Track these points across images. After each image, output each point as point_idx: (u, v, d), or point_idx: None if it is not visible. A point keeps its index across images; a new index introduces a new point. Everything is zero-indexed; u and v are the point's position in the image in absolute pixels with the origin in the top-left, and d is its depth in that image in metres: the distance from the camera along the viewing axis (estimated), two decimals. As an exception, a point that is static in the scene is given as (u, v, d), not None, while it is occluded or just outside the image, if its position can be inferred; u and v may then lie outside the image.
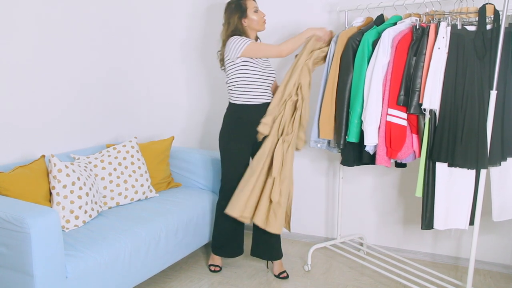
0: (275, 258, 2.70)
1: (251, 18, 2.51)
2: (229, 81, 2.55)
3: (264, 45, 2.50)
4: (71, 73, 2.76)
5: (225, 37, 2.54)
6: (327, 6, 2.98)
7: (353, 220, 3.12)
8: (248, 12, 2.50)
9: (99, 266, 1.99)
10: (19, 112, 2.45)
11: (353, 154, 2.51)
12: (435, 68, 2.13)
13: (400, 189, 2.97)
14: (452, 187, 2.16)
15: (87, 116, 2.90)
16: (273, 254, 2.69)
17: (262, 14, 2.55)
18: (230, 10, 2.53)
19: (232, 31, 2.51)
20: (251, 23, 2.52)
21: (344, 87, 2.44)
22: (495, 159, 2.11)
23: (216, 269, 2.74)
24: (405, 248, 3.01)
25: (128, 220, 2.35)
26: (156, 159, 2.91)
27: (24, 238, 1.72)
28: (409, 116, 2.26)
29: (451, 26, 2.12)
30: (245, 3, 2.51)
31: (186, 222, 2.57)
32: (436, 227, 2.19)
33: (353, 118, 2.38)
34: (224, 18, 2.57)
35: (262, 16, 2.55)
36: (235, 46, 2.43)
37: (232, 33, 2.51)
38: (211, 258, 2.79)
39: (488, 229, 2.73)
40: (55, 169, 2.19)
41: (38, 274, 1.74)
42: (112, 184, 2.54)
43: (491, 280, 2.67)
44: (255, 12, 2.52)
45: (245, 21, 2.51)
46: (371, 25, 2.45)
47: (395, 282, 2.61)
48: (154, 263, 2.34)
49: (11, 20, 2.36)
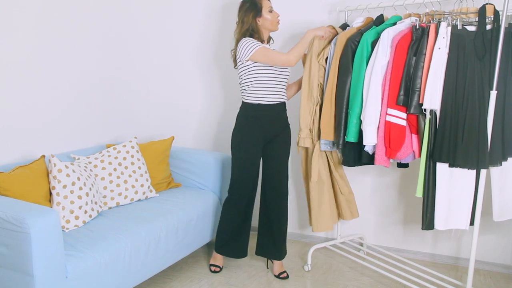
0: (281, 258, 2.71)
1: (266, 18, 2.50)
2: (242, 81, 2.54)
3: (273, 53, 2.46)
4: (71, 73, 2.76)
5: (239, 36, 2.53)
6: (327, 6, 2.98)
7: (353, 220, 3.11)
8: (263, 11, 2.50)
9: (99, 266, 1.99)
10: (19, 113, 2.45)
11: (353, 154, 2.51)
12: (436, 68, 2.13)
13: (401, 189, 2.97)
14: (453, 188, 2.16)
15: (87, 116, 2.90)
16: (281, 254, 2.70)
17: (277, 14, 2.55)
18: (245, 8, 2.52)
19: (246, 30, 2.50)
20: (265, 22, 2.51)
21: (343, 87, 2.43)
22: (496, 159, 2.11)
23: (216, 269, 2.74)
24: (405, 248, 3.01)
25: (128, 220, 2.35)
26: (156, 159, 2.91)
27: (24, 238, 1.72)
28: (408, 116, 2.26)
29: (452, 26, 2.12)
30: (261, 2, 2.50)
31: (186, 222, 2.57)
32: (437, 227, 2.19)
33: (352, 118, 2.38)
34: (238, 17, 2.55)
35: (276, 16, 2.55)
36: (245, 49, 2.43)
37: (246, 32, 2.50)
38: (212, 257, 2.79)
39: (488, 229, 2.73)
40: (55, 169, 2.19)
41: (38, 274, 1.74)
42: (112, 184, 2.54)
43: (491, 280, 2.67)
44: (269, 11, 2.51)
45: (260, 20, 2.50)
46: (370, 26, 2.46)
47: (395, 282, 2.61)
48: (154, 263, 2.34)
49: (11, 20, 2.36)
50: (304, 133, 2.57)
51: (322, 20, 2.99)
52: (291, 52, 2.45)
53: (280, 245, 2.69)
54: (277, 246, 2.68)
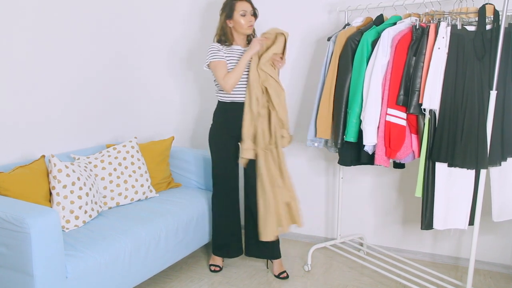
0: (274, 257, 2.70)
1: (236, 21, 2.48)
2: (215, 81, 2.59)
3: (219, 72, 2.46)
4: (71, 73, 2.76)
5: (214, 36, 2.58)
6: (327, 6, 2.98)
7: (353, 220, 3.12)
8: (235, 14, 2.47)
9: (99, 266, 1.99)
10: (19, 113, 2.45)
11: (350, 154, 2.51)
12: (435, 68, 2.13)
13: (400, 189, 2.97)
14: (452, 187, 2.16)
15: (87, 116, 2.90)
16: (274, 253, 2.69)
17: (249, 19, 2.49)
18: (222, 8, 2.54)
19: (218, 30, 2.55)
20: (236, 25, 2.50)
21: (342, 86, 2.44)
22: (495, 159, 2.11)
23: (216, 269, 2.75)
24: (405, 248, 3.01)
25: (128, 220, 2.35)
26: (156, 159, 2.91)
27: (24, 238, 1.72)
28: (408, 116, 2.26)
29: (451, 26, 2.12)
30: (235, 4, 2.47)
31: (186, 222, 2.57)
32: (436, 227, 2.19)
33: (352, 117, 2.38)
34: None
35: (249, 21, 2.49)
36: (206, 56, 2.50)
37: (218, 32, 2.55)
38: (211, 258, 2.80)
39: (488, 229, 2.73)
40: (55, 169, 2.19)
41: (38, 274, 1.74)
42: (112, 184, 2.54)
43: (491, 280, 2.67)
44: (242, 15, 2.47)
45: (231, 22, 2.51)
46: (371, 25, 2.46)
47: (395, 282, 2.61)
48: (154, 263, 2.34)
49: (10, 21, 2.36)
50: (246, 145, 2.47)
51: (322, 20, 2.99)
52: (226, 78, 2.45)
53: (272, 243, 2.63)
54: (270, 245, 2.65)
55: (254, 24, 2.53)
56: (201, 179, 3.01)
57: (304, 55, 3.09)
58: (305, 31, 3.05)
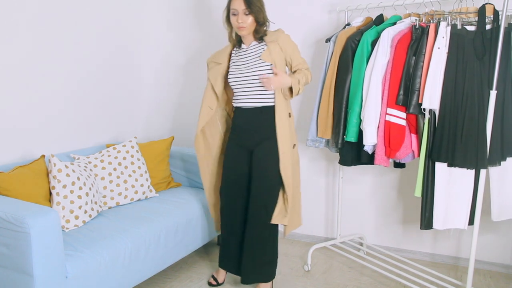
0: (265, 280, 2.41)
1: (231, 21, 2.32)
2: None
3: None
4: (71, 73, 2.76)
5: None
6: (327, 6, 2.98)
7: (353, 220, 3.12)
8: (230, 14, 2.32)
9: (99, 266, 1.99)
10: (19, 113, 2.45)
11: (351, 154, 2.51)
12: (435, 68, 2.13)
13: (400, 189, 2.97)
14: (452, 187, 2.16)
15: (87, 116, 2.90)
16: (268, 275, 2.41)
17: (241, 19, 2.24)
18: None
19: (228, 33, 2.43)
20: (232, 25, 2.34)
21: (342, 86, 2.44)
22: (495, 159, 2.12)
23: (213, 282, 2.56)
24: (405, 248, 3.01)
25: (128, 220, 2.35)
26: (156, 159, 2.91)
27: (24, 238, 1.72)
28: (408, 116, 2.26)
29: (451, 26, 2.12)
30: (229, 4, 2.31)
31: (186, 222, 2.57)
32: (435, 227, 2.19)
33: (352, 117, 2.38)
34: None
35: (238, 21, 2.25)
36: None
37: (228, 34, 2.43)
38: (216, 270, 2.66)
39: (487, 229, 2.73)
40: (55, 169, 2.19)
41: (38, 274, 1.74)
42: (112, 184, 2.54)
43: (491, 280, 2.67)
44: (233, 15, 2.28)
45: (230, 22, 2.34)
46: (370, 25, 2.46)
47: (395, 282, 2.61)
48: (154, 263, 2.34)
49: (10, 21, 2.36)
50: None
51: (322, 20, 2.99)
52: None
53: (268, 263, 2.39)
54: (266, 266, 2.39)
55: (248, 24, 2.26)
56: (201, 179, 3.00)
57: (304, 55, 3.09)
58: (305, 31, 3.05)
